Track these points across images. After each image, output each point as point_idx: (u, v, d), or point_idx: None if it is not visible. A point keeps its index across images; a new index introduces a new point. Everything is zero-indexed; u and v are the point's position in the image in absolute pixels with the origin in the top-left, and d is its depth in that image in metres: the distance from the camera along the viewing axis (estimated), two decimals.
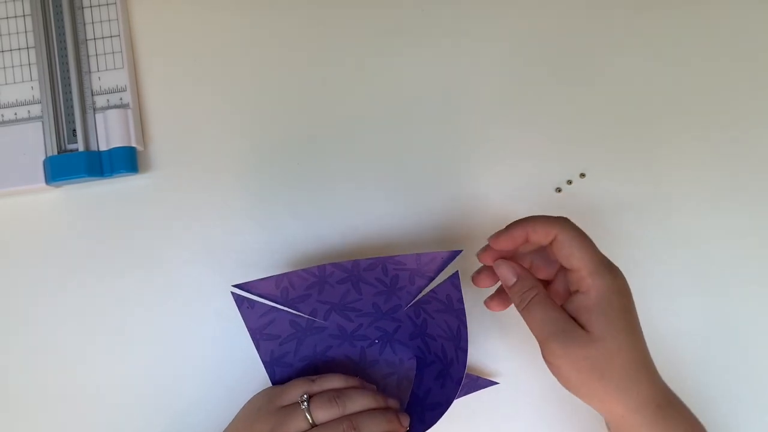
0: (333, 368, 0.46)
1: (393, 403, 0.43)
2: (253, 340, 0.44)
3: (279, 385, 0.43)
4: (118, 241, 0.50)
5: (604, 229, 0.50)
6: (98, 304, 0.49)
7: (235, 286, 0.42)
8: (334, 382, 0.42)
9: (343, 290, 0.43)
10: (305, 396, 0.40)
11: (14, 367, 0.49)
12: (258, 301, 0.43)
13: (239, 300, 0.43)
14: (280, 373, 0.45)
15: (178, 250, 0.50)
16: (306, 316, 0.45)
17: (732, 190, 0.50)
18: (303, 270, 0.42)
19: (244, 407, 0.43)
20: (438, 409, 0.42)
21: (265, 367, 0.44)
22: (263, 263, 0.50)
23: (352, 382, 0.43)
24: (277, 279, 0.42)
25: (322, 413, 0.40)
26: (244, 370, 0.48)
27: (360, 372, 0.47)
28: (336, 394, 0.41)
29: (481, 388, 0.46)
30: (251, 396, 0.44)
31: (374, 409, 0.41)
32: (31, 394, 0.49)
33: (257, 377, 0.48)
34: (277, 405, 0.41)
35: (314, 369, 0.46)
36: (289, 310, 0.44)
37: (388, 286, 0.43)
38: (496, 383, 0.47)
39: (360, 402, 0.41)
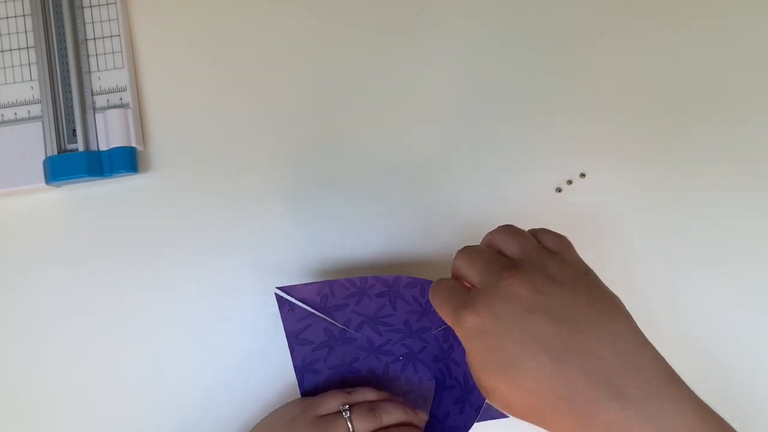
0: (357, 380, 0.47)
1: (423, 415, 0.44)
2: (288, 343, 0.45)
3: (311, 397, 0.44)
4: (118, 241, 0.50)
5: (604, 229, 0.50)
6: (98, 303, 0.49)
7: (279, 288, 0.43)
8: (369, 394, 0.44)
9: (379, 303, 0.44)
10: (347, 406, 0.42)
11: (14, 367, 0.49)
12: (298, 305, 0.44)
13: (281, 302, 0.44)
14: (308, 380, 0.45)
15: (178, 250, 0.50)
16: (340, 326, 0.45)
17: (734, 189, 0.50)
18: (345, 279, 0.43)
19: (272, 417, 0.43)
20: None
21: (295, 371, 0.45)
22: (264, 264, 0.50)
23: (383, 395, 0.44)
24: (319, 286, 0.43)
25: (362, 423, 0.41)
26: (243, 370, 0.48)
27: (381, 386, 0.47)
28: (373, 406, 0.42)
29: (492, 419, 0.46)
30: (251, 396, 0.44)
31: (406, 423, 0.43)
32: (31, 393, 0.49)
33: (257, 377, 0.48)
34: (314, 414, 0.42)
35: (340, 378, 0.46)
36: (325, 317, 0.45)
37: (422, 307, 0.44)
38: (507, 416, 0.47)
39: (394, 415, 0.42)
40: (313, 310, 0.44)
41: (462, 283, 0.36)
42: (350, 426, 0.41)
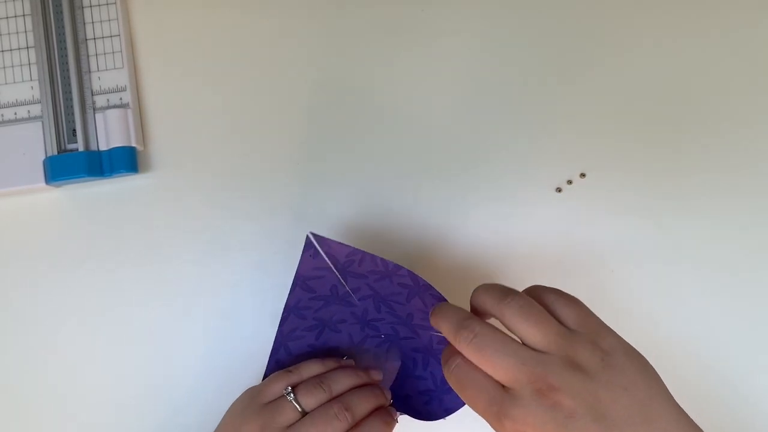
0: (334, 339, 0.46)
1: (375, 374, 0.43)
2: (293, 283, 0.43)
3: (257, 385, 0.43)
4: (117, 241, 0.50)
5: (604, 230, 0.50)
6: (97, 303, 0.49)
7: (313, 234, 0.42)
8: (312, 368, 0.42)
9: (396, 290, 0.43)
10: (289, 388, 0.40)
11: (14, 367, 0.49)
12: (322, 256, 0.43)
13: (309, 245, 0.42)
14: (291, 323, 0.45)
15: (178, 250, 0.50)
16: (347, 289, 0.45)
17: (734, 189, 0.50)
18: (380, 258, 0.41)
19: (226, 413, 0.42)
20: (413, 414, 0.44)
21: (284, 310, 0.44)
22: (263, 263, 0.50)
23: (329, 364, 0.43)
24: (352, 251, 0.41)
25: (310, 400, 0.39)
26: (243, 370, 0.49)
27: (349, 352, 0.47)
28: (320, 380, 0.40)
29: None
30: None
31: (360, 386, 0.41)
32: (31, 393, 0.49)
33: (257, 377, 0.48)
34: (260, 402, 0.40)
35: (318, 332, 0.46)
36: (339, 276, 0.44)
37: None
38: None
39: (344, 382, 0.41)
40: (332, 267, 0.44)
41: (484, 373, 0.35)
42: (297, 406, 0.39)
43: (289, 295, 0.44)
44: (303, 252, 0.43)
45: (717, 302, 0.49)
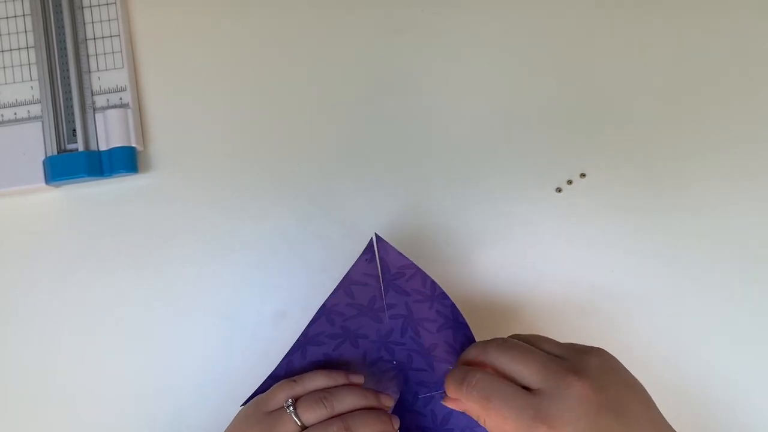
0: (348, 353, 0.45)
1: (386, 399, 0.42)
2: (338, 285, 0.43)
3: (263, 393, 0.42)
4: (117, 241, 0.50)
5: (604, 230, 0.50)
6: (97, 303, 0.49)
7: (377, 236, 0.42)
8: (317, 381, 0.41)
9: (431, 317, 0.43)
10: (290, 400, 0.40)
11: (14, 367, 0.49)
12: (375, 262, 0.42)
13: (369, 248, 0.42)
14: (320, 325, 0.44)
15: (178, 250, 0.50)
16: (384, 302, 0.44)
17: (734, 190, 0.50)
18: (432, 280, 0.42)
19: (235, 417, 0.42)
20: None
21: (319, 311, 0.43)
22: (263, 264, 0.50)
23: (336, 377, 0.42)
24: (408, 264, 0.42)
25: (311, 415, 0.39)
26: (242, 370, 0.49)
27: (357, 369, 0.46)
28: (323, 395, 0.40)
29: None
30: (244, 400, 0.44)
31: (366, 409, 0.40)
32: (30, 393, 0.49)
33: (255, 378, 0.48)
34: (263, 411, 0.40)
35: (339, 343, 0.45)
36: (382, 289, 0.44)
37: (456, 350, 0.44)
38: None
39: (349, 401, 0.40)
40: (379, 275, 0.43)
41: (506, 380, 0.37)
42: (297, 420, 0.38)
43: (329, 296, 0.43)
44: (363, 254, 0.43)
45: (717, 302, 0.49)
